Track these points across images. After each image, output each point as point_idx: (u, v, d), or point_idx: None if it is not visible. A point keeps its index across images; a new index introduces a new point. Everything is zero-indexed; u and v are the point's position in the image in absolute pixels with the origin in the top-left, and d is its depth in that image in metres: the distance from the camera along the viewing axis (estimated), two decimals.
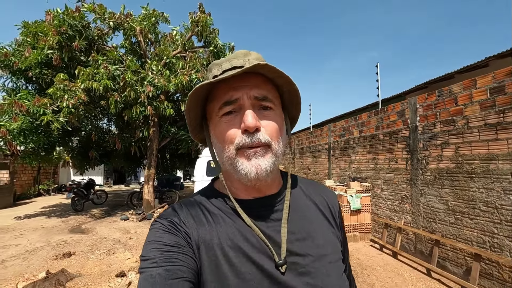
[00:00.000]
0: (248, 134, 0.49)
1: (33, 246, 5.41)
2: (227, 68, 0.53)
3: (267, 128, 0.51)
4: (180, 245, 0.49)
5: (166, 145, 9.84)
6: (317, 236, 0.56)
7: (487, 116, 3.18)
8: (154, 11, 8.72)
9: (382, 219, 4.96)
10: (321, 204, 0.62)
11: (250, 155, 0.50)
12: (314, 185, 0.68)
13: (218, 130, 0.54)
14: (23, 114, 6.45)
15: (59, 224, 7.29)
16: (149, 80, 7.38)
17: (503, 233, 2.99)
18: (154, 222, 0.53)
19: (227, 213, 0.55)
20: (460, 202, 3.49)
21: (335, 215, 0.63)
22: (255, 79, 0.52)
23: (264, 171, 0.50)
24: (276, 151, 0.52)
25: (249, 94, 0.51)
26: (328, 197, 0.65)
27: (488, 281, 3.13)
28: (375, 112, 5.32)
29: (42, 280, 3.47)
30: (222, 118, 0.52)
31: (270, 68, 0.49)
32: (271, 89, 0.54)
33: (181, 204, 0.58)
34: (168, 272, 0.43)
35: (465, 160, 3.43)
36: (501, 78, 3.05)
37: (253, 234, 0.52)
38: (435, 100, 3.91)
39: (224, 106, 0.52)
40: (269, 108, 0.53)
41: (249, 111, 0.50)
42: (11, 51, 7.38)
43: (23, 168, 12.13)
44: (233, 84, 0.51)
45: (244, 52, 0.55)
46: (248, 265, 0.49)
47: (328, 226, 0.59)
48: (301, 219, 0.57)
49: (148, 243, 0.49)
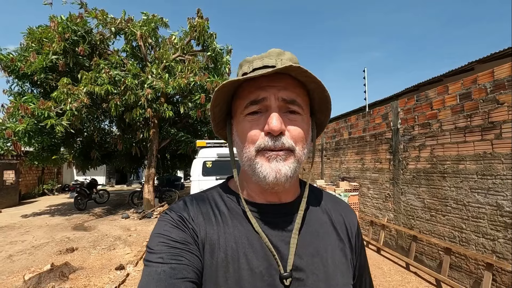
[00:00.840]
0: (272, 137, 0.48)
1: (38, 242, 5.72)
2: (258, 66, 0.51)
3: (293, 133, 0.50)
4: (187, 242, 0.48)
5: (166, 145, 10.12)
6: (327, 256, 0.53)
7: (457, 120, 3.44)
8: (154, 16, 9.01)
9: (368, 217, 5.22)
10: (338, 222, 0.59)
11: (271, 157, 0.48)
12: (335, 201, 0.64)
13: (241, 128, 0.52)
14: (28, 116, 6.76)
15: (62, 222, 7.61)
16: (149, 83, 7.67)
17: (470, 229, 3.24)
18: (164, 214, 0.53)
19: (237, 215, 0.53)
20: (435, 200, 3.74)
21: (351, 236, 0.59)
22: (285, 80, 0.50)
23: (284, 176, 0.48)
24: (299, 157, 0.50)
25: (277, 96, 0.49)
26: (347, 216, 0.61)
27: (457, 273, 3.38)
28: (362, 115, 5.57)
29: (47, 272, 3.76)
30: (247, 117, 0.51)
31: (303, 71, 0.47)
32: (300, 93, 0.52)
33: (192, 199, 0.57)
34: (174, 270, 0.43)
35: (438, 161, 3.69)
36: (468, 85, 3.31)
37: (260, 241, 0.50)
38: (414, 104, 4.17)
39: (250, 105, 0.50)
40: (297, 112, 0.51)
41: (274, 113, 0.48)
42: (17, 56, 7.70)
43: (27, 168, 12.50)
44: (262, 84, 0.50)
45: (277, 51, 0.53)
46: (249, 272, 0.47)
47: (341, 247, 0.56)
48: (313, 233, 0.54)
49: (156, 236, 0.48)
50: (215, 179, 5.81)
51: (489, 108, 3.05)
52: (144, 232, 6.46)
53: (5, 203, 9.79)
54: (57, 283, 3.56)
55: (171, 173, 13.36)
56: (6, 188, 9.94)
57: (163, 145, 9.73)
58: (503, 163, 2.89)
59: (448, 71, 6.59)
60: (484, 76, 3.13)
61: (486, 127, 3.07)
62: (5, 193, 9.85)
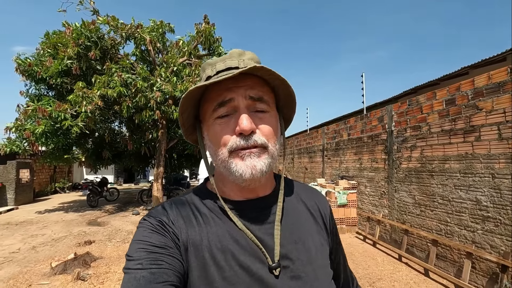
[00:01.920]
0: (243, 137, 0.49)
1: (57, 235, 6.15)
2: (221, 68, 0.52)
3: (263, 130, 0.51)
4: (168, 246, 0.48)
5: (173, 146, 10.52)
6: (308, 241, 0.56)
7: (443, 123, 3.77)
8: (162, 23, 9.44)
9: (365, 213, 5.56)
10: (313, 209, 0.62)
11: (244, 155, 0.49)
12: (307, 189, 0.67)
13: (212, 132, 0.53)
14: (46, 118, 7.21)
15: (77, 218, 8.05)
16: (158, 86, 8.07)
17: (454, 222, 3.58)
18: (143, 220, 0.53)
19: (218, 214, 0.54)
20: (424, 196, 4.08)
21: (326, 220, 0.63)
22: (250, 80, 0.52)
23: (260, 172, 0.49)
24: (272, 153, 0.52)
25: (245, 94, 0.50)
26: (320, 202, 0.65)
27: (443, 262, 3.72)
28: (361, 117, 5.91)
29: (72, 260, 4.17)
30: (216, 121, 0.52)
31: (267, 70, 0.49)
32: (266, 91, 0.54)
33: (171, 203, 0.57)
34: (153, 275, 0.43)
35: (427, 160, 4.02)
36: (453, 92, 3.64)
37: (244, 236, 0.51)
38: (406, 108, 4.50)
39: (218, 107, 0.51)
40: (265, 110, 0.52)
41: (244, 114, 0.49)
42: (34, 61, 8.16)
43: (41, 167, 13.03)
44: (228, 85, 0.50)
45: (238, 52, 0.54)
46: (237, 268, 0.48)
47: (318, 231, 0.59)
48: (293, 222, 0.57)
49: (135, 242, 0.48)
50: None
51: (470, 113, 3.38)
52: None
53: (21, 200, 10.30)
54: (81, 269, 3.96)
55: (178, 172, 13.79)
56: (22, 186, 10.44)
57: (171, 145, 10.15)
58: (481, 162, 3.22)
59: (443, 75, 6.90)
60: (466, 84, 3.46)
61: (468, 130, 3.40)
62: (21, 190, 10.35)
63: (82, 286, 3.56)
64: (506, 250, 2.94)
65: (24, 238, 5.92)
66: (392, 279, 3.69)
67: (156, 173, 9.43)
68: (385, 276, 3.76)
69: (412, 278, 3.71)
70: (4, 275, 3.94)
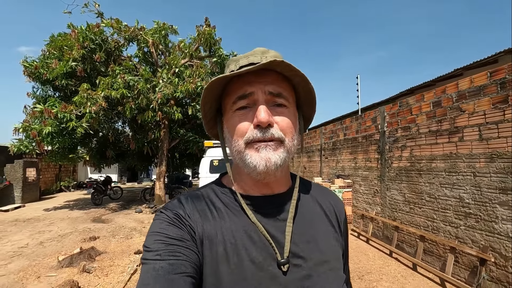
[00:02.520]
0: (260, 129, 0.50)
1: (63, 232, 6.40)
2: (244, 64, 0.53)
3: (281, 124, 0.51)
4: (184, 239, 0.49)
5: (175, 145, 10.76)
6: (321, 241, 0.55)
7: (430, 124, 3.94)
8: (164, 24, 9.66)
9: (359, 211, 5.74)
10: (328, 210, 0.62)
11: (260, 148, 0.50)
12: (323, 191, 0.67)
13: (230, 123, 0.54)
14: (52, 119, 7.46)
15: (82, 215, 8.31)
16: (160, 88, 8.30)
17: (439, 218, 3.75)
18: (159, 213, 0.54)
19: (232, 209, 0.55)
20: (413, 194, 4.26)
21: (340, 222, 0.63)
22: (271, 76, 0.52)
23: (274, 165, 0.49)
24: (289, 148, 0.52)
25: (264, 90, 0.51)
26: (335, 204, 0.65)
27: (430, 257, 3.90)
28: (356, 118, 6.09)
29: (77, 254, 4.40)
30: (236, 112, 0.53)
31: (286, 65, 0.49)
32: (286, 87, 0.54)
33: (187, 197, 0.58)
34: (171, 266, 0.44)
35: (416, 160, 4.20)
36: (439, 94, 3.81)
37: (257, 231, 0.52)
38: (397, 109, 4.67)
39: (238, 100, 0.52)
40: (283, 105, 0.53)
41: (262, 106, 0.50)
42: (40, 63, 8.41)
43: (46, 166, 13.35)
44: (249, 79, 0.52)
45: (262, 49, 0.56)
46: (248, 263, 0.49)
47: (332, 233, 0.59)
48: (307, 222, 0.57)
49: (152, 234, 0.49)
50: None
51: (455, 115, 3.55)
52: None
53: (27, 198, 10.60)
54: (86, 262, 4.19)
55: (180, 171, 14.04)
56: (29, 184, 10.74)
57: (173, 145, 10.38)
58: (464, 162, 3.39)
59: (438, 76, 7.05)
60: (451, 87, 3.63)
61: (452, 131, 3.57)
62: (27, 189, 10.65)
63: (87, 278, 3.79)
64: (485, 244, 3.11)
65: (32, 234, 6.17)
66: (381, 272, 3.87)
67: (158, 172, 9.68)
68: (374, 270, 3.94)
69: (400, 272, 3.89)
70: (15, 268, 4.18)
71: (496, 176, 3.02)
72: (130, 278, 3.73)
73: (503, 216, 2.94)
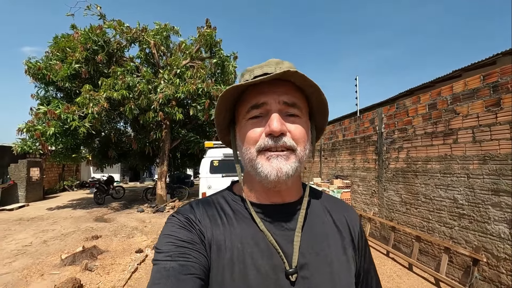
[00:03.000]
0: (272, 138, 0.50)
1: (66, 230, 6.51)
2: (258, 74, 0.54)
3: (294, 133, 0.52)
4: (194, 242, 0.50)
5: (177, 145, 10.87)
6: (331, 254, 0.54)
7: (426, 126, 3.99)
8: (166, 25, 9.76)
9: (357, 211, 5.79)
10: (340, 222, 0.61)
11: (271, 157, 0.50)
12: (336, 202, 0.66)
13: (243, 132, 0.54)
14: (55, 119, 7.58)
15: (84, 215, 8.43)
16: (161, 88, 8.40)
17: (434, 219, 3.81)
18: (171, 217, 0.55)
19: (242, 216, 0.55)
20: (409, 195, 4.31)
21: (354, 236, 0.61)
22: (285, 86, 0.53)
23: (285, 174, 0.50)
24: (300, 157, 0.52)
25: (278, 99, 0.52)
26: (348, 216, 0.63)
27: (425, 257, 3.95)
28: (354, 119, 6.14)
29: (80, 252, 4.50)
30: (249, 121, 0.53)
31: (300, 76, 0.50)
32: (299, 97, 0.55)
33: (198, 202, 0.59)
34: (182, 267, 0.45)
35: (412, 161, 4.25)
36: (434, 97, 3.86)
37: (265, 239, 0.52)
38: (394, 111, 4.72)
39: (252, 109, 0.53)
40: (296, 115, 0.53)
41: (275, 114, 0.50)
42: (43, 64, 8.54)
43: (50, 166, 13.52)
44: (263, 89, 0.52)
45: (276, 60, 0.56)
46: (254, 271, 0.49)
47: (343, 246, 0.58)
48: (316, 233, 0.56)
49: (164, 237, 0.51)
50: (221, 177, 6.50)
51: (449, 117, 3.60)
52: (158, 224, 7.19)
53: (31, 198, 10.75)
54: (88, 261, 4.29)
55: (181, 171, 14.15)
56: (32, 184, 10.90)
57: (174, 145, 10.48)
58: (458, 163, 3.44)
59: (437, 78, 7.08)
60: (446, 90, 3.68)
61: (447, 133, 3.62)
62: (31, 188, 10.81)
63: (89, 276, 3.88)
64: (478, 245, 3.16)
65: (35, 233, 6.29)
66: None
67: (160, 172, 9.78)
68: None
69: (396, 271, 3.94)
70: (19, 266, 4.28)
71: (489, 178, 3.07)
72: (131, 276, 3.82)
73: (495, 217, 2.99)
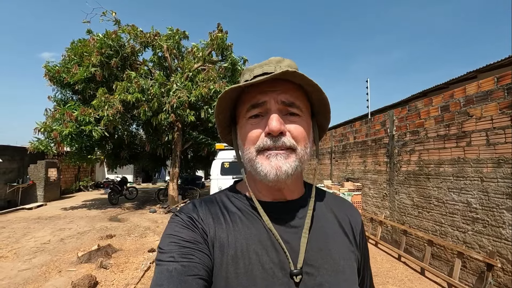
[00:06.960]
0: (272, 137, 0.50)
1: (82, 229, 6.72)
2: (258, 73, 0.54)
3: (293, 133, 0.51)
4: (197, 241, 0.50)
5: (188, 147, 11.03)
6: (335, 252, 0.54)
7: (438, 129, 3.95)
8: (178, 30, 9.95)
9: (368, 214, 5.75)
10: (343, 221, 0.61)
11: (270, 155, 0.50)
12: (338, 201, 0.67)
13: (243, 131, 0.55)
14: (72, 121, 7.84)
15: (99, 214, 8.66)
16: (174, 91, 8.56)
17: (447, 223, 3.75)
18: (174, 216, 0.55)
19: (246, 214, 0.55)
20: (421, 198, 4.26)
21: (356, 234, 0.61)
22: (284, 85, 0.53)
23: (284, 173, 0.50)
24: (301, 156, 0.52)
25: (277, 99, 0.51)
26: (351, 215, 0.64)
27: (437, 261, 3.89)
28: (365, 121, 6.10)
29: (95, 250, 4.64)
30: (249, 121, 0.54)
31: (299, 75, 0.49)
32: (299, 96, 0.54)
33: (201, 201, 0.59)
34: (185, 268, 0.45)
35: (424, 164, 4.20)
36: (447, 99, 3.81)
37: (270, 238, 0.52)
38: (406, 113, 4.68)
39: (251, 108, 0.53)
40: (296, 114, 0.53)
41: (274, 114, 0.50)
42: (61, 67, 8.86)
43: (66, 167, 13.93)
44: (263, 89, 0.52)
45: (277, 59, 0.56)
46: (259, 268, 0.49)
47: (347, 244, 0.58)
48: (320, 231, 0.56)
49: (167, 236, 0.51)
50: (231, 178, 6.57)
51: (462, 119, 3.55)
52: None
53: (49, 197, 11.13)
54: (103, 259, 4.42)
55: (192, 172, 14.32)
56: (50, 184, 11.28)
57: (186, 147, 10.64)
58: (472, 166, 3.39)
59: (451, 79, 6.95)
60: (459, 92, 3.63)
61: (460, 136, 3.57)
62: (49, 188, 11.19)
63: (104, 273, 4.00)
64: (492, 249, 3.10)
65: (53, 231, 6.52)
66: (388, 276, 3.90)
67: (172, 174, 9.95)
68: (381, 273, 3.97)
69: (407, 276, 3.90)
70: (38, 262, 4.46)
71: (503, 182, 3.01)
72: (144, 274, 3.93)
73: (510, 222, 2.93)
